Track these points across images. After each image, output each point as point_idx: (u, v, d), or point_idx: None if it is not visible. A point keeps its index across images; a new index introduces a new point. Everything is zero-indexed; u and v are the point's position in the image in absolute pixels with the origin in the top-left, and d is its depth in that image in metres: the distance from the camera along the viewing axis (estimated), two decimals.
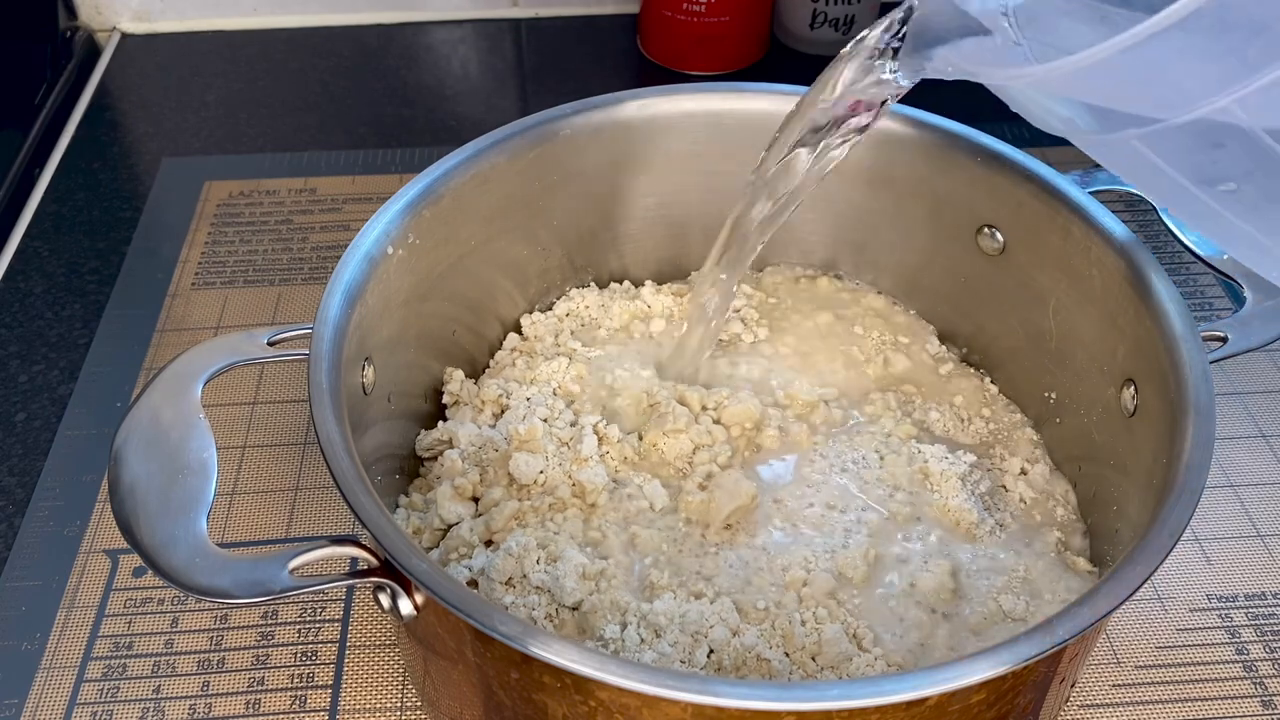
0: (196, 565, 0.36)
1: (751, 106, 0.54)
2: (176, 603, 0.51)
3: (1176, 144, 0.27)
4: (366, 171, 0.76)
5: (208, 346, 0.43)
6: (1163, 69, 0.25)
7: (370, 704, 0.48)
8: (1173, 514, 0.37)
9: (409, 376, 0.50)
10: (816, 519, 0.47)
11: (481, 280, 0.53)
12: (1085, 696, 0.48)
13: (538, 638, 0.33)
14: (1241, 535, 0.54)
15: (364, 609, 0.51)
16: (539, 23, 0.91)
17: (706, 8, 0.81)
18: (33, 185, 0.75)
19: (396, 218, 0.47)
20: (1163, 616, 0.51)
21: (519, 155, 0.51)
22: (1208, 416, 0.40)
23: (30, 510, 0.55)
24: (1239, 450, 0.58)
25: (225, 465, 0.56)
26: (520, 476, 0.47)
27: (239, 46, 0.89)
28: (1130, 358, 0.46)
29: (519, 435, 0.48)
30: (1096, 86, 0.28)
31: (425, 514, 0.47)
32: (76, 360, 0.63)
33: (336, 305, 0.43)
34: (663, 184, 0.56)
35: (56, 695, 0.48)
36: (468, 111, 0.83)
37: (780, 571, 0.45)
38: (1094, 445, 0.50)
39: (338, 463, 0.38)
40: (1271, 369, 0.62)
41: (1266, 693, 0.49)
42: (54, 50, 0.85)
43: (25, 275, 0.69)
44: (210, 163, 0.77)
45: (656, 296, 0.56)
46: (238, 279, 0.68)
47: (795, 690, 0.35)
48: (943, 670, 0.33)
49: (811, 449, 0.50)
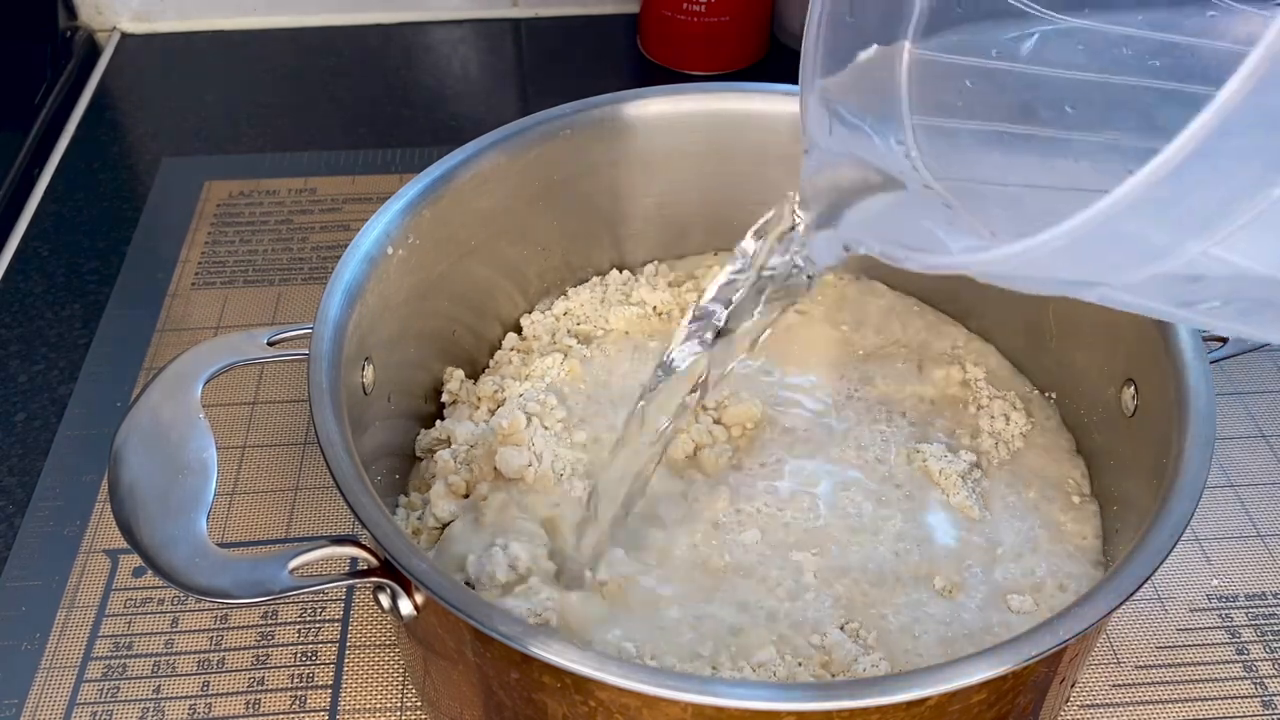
0: (196, 565, 0.36)
1: (751, 107, 0.54)
2: (176, 603, 0.51)
3: (1149, 287, 0.26)
4: (366, 171, 0.76)
5: (208, 346, 0.43)
6: (1128, 233, 0.24)
7: (370, 704, 0.48)
8: (1173, 514, 0.37)
9: (409, 376, 0.50)
10: (816, 517, 0.47)
11: (481, 280, 0.53)
12: (1085, 696, 0.48)
13: (538, 638, 0.33)
14: (1241, 535, 0.54)
15: (364, 609, 0.51)
16: (539, 23, 0.91)
17: (706, 8, 0.81)
18: (33, 185, 0.75)
19: (396, 218, 0.47)
20: (1163, 616, 0.51)
21: (519, 155, 0.51)
22: (1208, 416, 0.40)
23: (30, 510, 0.55)
24: (1239, 450, 0.58)
25: (225, 465, 0.56)
26: (506, 470, 0.47)
27: (239, 46, 0.89)
28: (1130, 358, 0.46)
29: (502, 429, 0.48)
30: (1053, 265, 0.25)
31: (421, 513, 0.47)
32: (76, 360, 0.63)
33: (336, 305, 0.43)
34: (663, 184, 0.56)
35: (56, 695, 0.48)
36: (468, 111, 0.83)
37: (780, 570, 0.45)
38: (1094, 445, 0.50)
39: (338, 463, 0.38)
40: (1271, 369, 0.62)
41: (1267, 693, 0.49)
42: (54, 50, 0.85)
43: (25, 275, 0.69)
44: (210, 163, 0.77)
45: (655, 293, 0.56)
46: (238, 279, 0.68)
47: (795, 690, 0.35)
48: (943, 670, 0.33)
49: (811, 448, 0.50)
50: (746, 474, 0.49)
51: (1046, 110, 0.36)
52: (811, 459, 0.50)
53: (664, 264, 0.58)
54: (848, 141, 0.36)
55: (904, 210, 0.34)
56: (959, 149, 0.36)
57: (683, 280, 0.57)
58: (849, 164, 0.35)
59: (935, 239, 0.33)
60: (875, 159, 0.35)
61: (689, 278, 0.57)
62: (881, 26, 0.37)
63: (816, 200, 0.35)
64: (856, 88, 0.36)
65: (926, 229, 0.34)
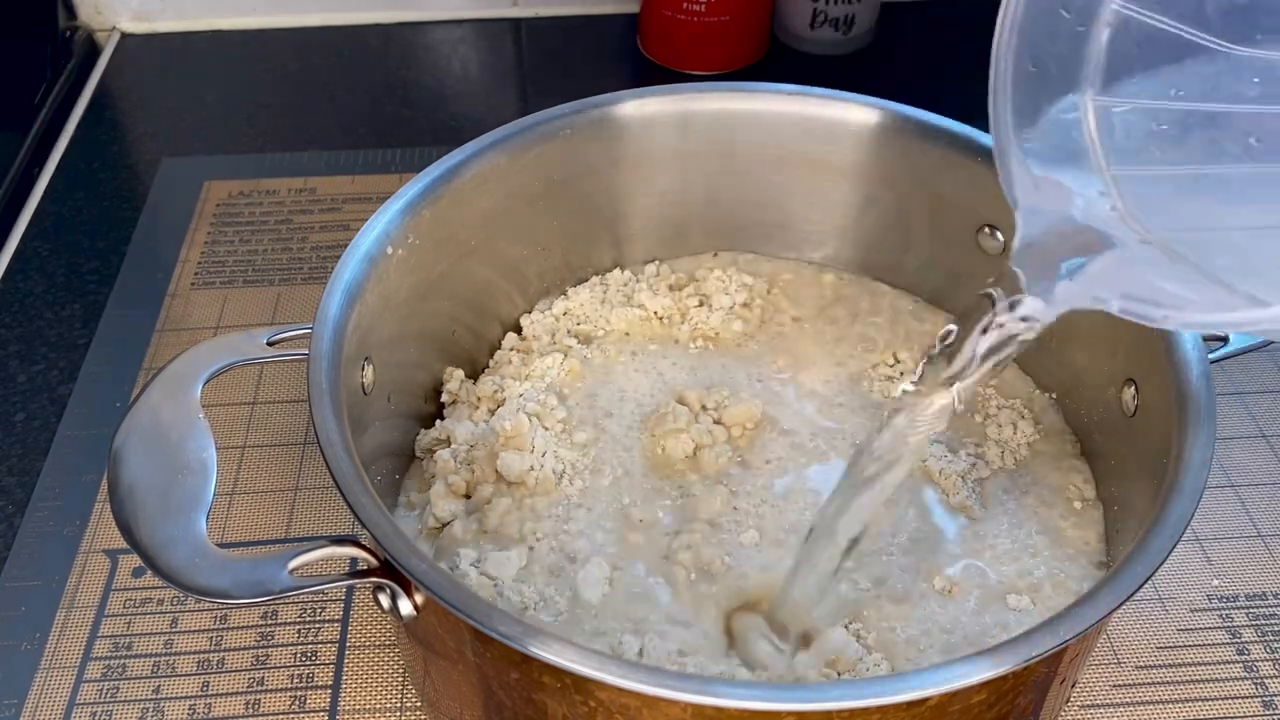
0: (196, 565, 0.36)
1: (751, 106, 0.54)
2: (176, 603, 0.51)
3: None
4: (366, 171, 0.76)
5: (207, 346, 0.43)
6: None
7: (370, 704, 0.48)
8: (1173, 514, 0.37)
9: (409, 376, 0.50)
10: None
11: (481, 280, 0.53)
12: (1086, 696, 0.48)
13: (538, 638, 0.33)
14: (1242, 535, 0.54)
15: (364, 609, 0.51)
16: (539, 23, 0.91)
17: (706, 7, 0.81)
18: (33, 185, 0.75)
19: (396, 218, 0.47)
20: (1163, 616, 0.51)
21: (519, 155, 0.51)
22: (1208, 416, 0.40)
23: (30, 510, 0.55)
24: (1239, 450, 0.58)
25: (225, 465, 0.56)
26: (507, 474, 0.47)
27: (239, 46, 0.89)
28: (1130, 358, 0.46)
29: (505, 432, 0.48)
30: None
31: (421, 512, 0.47)
32: (76, 360, 0.63)
33: (336, 305, 0.43)
34: (663, 184, 0.56)
35: (56, 695, 0.48)
36: (468, 111, 0.83)
37: (779, 572, 0.45)
38: (1094, 445, 0.50)
39: (338, 463, 0.38)
40: (1271, 369, 0.62)
41: (1267, 693, 0.49)
42: (54, 50, 0.85)
43: (25, 275, 0.69)
44: (210, 163, 0.77)
45: (656, 298, 0.56)
46: (237, 279, 0.67)
47: (795, 690, 0.35)
48: (943, 670, 0.33)
49: (812, 448, 0.50)
50: (746, 473, 0.49)
51: (1232, 145, 0.36)
52: (811, 458, 0.50)
53: (665, 264, 0.58)
54: (1053, 198, 0.35)
55: (1129, 268, 0.33)
56: (1163, 197, 0.36)
57: (684, 284, 0.57)
58: (1061, 222, 0.35)
59: (1174, 295, 0.32)
60: (1084, 216, 0.35)
61: (690, 280, 0.57)
62: (1063, 76, 0.36)
63: (1031, 262, 0.35)
64: (1049, 142, 0.36)
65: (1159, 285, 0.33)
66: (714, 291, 0.56)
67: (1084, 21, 0.36)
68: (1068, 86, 0.37)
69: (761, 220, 0.58)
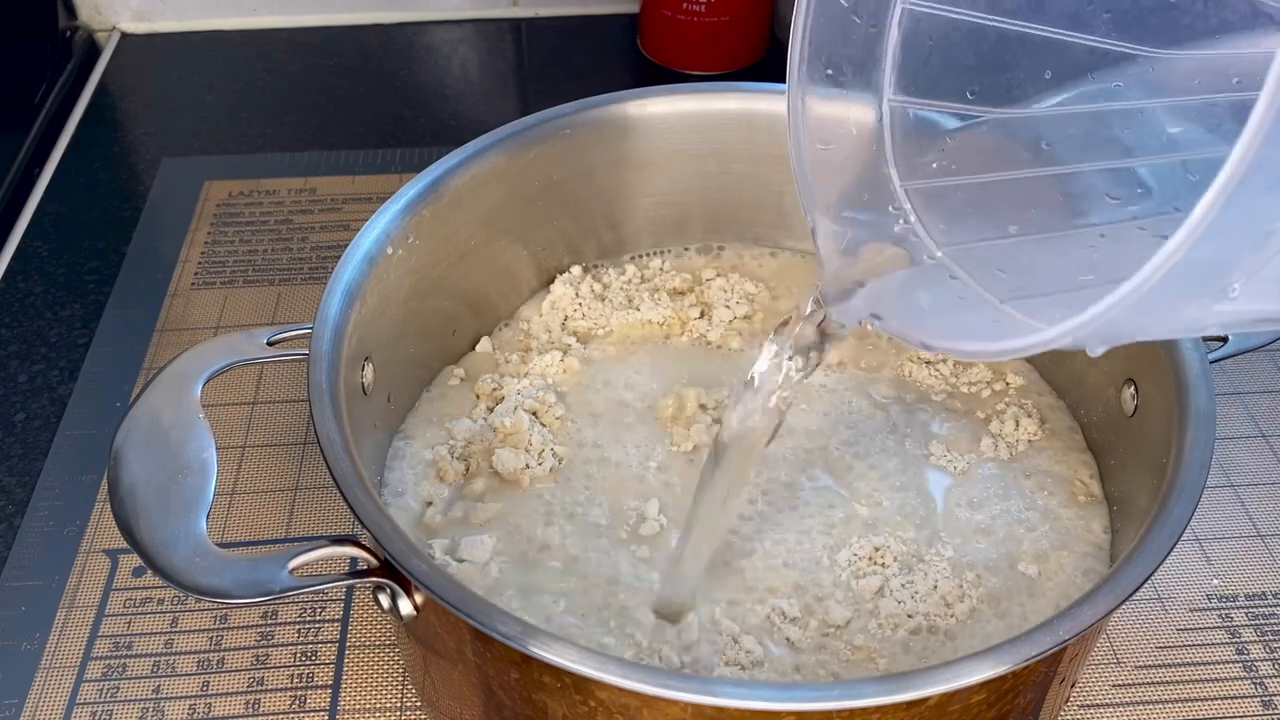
0: (196, 565, 0.36)
1: (751, 106, 0.54)
2: (176, 603, 0.51)
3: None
4: (366, 171, 0.76)
5: (208, 346, 0.43)
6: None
7: (370, 704, 0.48)
8: (1173, 514, 0.37)
9: (409, 376, 0.50)
10: (816, 517, 0.47)
11: (481, 280, 0.53)
12: (1085, 696, 0.48)
13: (538, 638, 0.33)
14: (1241, 535, 0.54)
15: (364, 609, 0.51)
16: (539, 23, 0.91)
17: (706, 7, 0.81)
18: (33, 185, 0.75)
19: (396, 218, 0.47)
20: (1163, 616, 0.51)
21: (519, 155, 0.51)
22: (1208, 416, 0.40)
23: (30, 510, 0.55)
24: (1239, 450, 0.58)
25: (225, 465, 0.56)
26: (502, 471, 0.47)
27: (239, 46, 0.89)
28: (1130, 358, 0.46)
29: (504, 428, 0.48)
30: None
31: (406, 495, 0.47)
32: (76, 360, 0.63)
33: (336, 305, 0.43)
34: (662, 184, 0.56)
35: (56, 695, 0.48)
36: (468, 111, 0.83)
37: (782, 569, 0.45)
38: (1094, 445, 0.50)
39: (338, 463, 0.38)
40: (1271, 369, 0.62)
41: (1267, 693, 0.49)
42: (54, 50, 0.85)
43: (25, 275, 0.69)
44: (210, 163, 0.77)
45: (656, 308, 0.55)
46: (237, 279, 0.68)
47: (795, 690, 0.35)
48: (943, 670, 0.33)
49: (812, 448, 0.50)
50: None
51: (1023, 152, 0.35)
52: (812, 457, 0.50)
53: (665, 264, 0.58)
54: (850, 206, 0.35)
55: (908, 287, 0.33)
56: (953, 211, 0.35)
57: (685, 290, 0.57)
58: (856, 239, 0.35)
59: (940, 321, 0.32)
60: (878, 231, 0.34)
61: (693, 286, 0.57)
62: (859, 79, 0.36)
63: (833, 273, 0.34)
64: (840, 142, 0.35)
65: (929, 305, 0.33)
66: (715, 302, 0.56)
67: (876, 22, 0.35)
68: (864, 88, 0.36)
69: (761, 220, 0.58)
